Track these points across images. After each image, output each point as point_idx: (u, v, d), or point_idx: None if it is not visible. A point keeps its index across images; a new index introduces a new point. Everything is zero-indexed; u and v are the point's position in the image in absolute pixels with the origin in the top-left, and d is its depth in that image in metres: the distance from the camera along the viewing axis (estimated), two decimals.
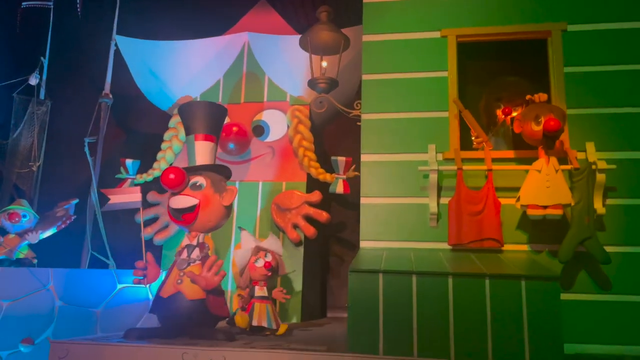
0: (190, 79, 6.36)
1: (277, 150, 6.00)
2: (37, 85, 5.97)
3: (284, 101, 6.20)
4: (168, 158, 6.01)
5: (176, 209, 3.26)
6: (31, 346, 3.75)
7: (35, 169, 5.80)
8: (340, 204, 6.55)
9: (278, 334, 3.48)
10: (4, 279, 4.23)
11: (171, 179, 3.13)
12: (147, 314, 4.03)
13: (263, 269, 3.58)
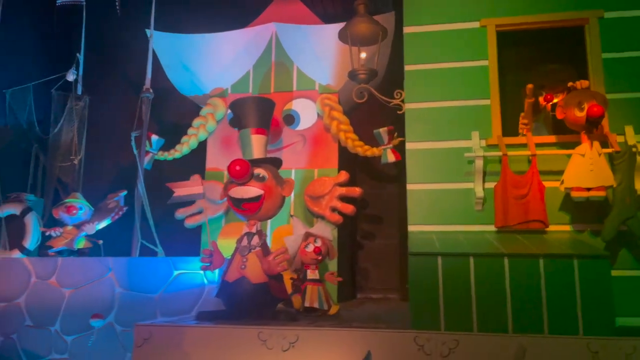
0: (221, 71, 6.52)
1: (308, 138, 6.18)
2: (75, 81, 6.15)
3: (313, 90, 6.36)
4: (191, 144, 6.21)
5: (239, 198, 3.46)
6: (102, 321, 4.00)
7: (76, 163, 6.02)
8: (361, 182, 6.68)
9: (330, 314, 3.70)
10: (66, 268, 4.48)
11: (237, 170, 3.32)
12: (203, 298, 4.26)
13: (313, 254, 3.78)
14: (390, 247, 7.00)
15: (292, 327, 2.94)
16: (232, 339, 2.99)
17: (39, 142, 6.15)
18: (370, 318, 3.72)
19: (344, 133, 5.82)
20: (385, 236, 7.10)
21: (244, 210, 3.53)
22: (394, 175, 6.98)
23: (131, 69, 6.58)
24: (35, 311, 4.41)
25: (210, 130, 6.34)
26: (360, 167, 7.02)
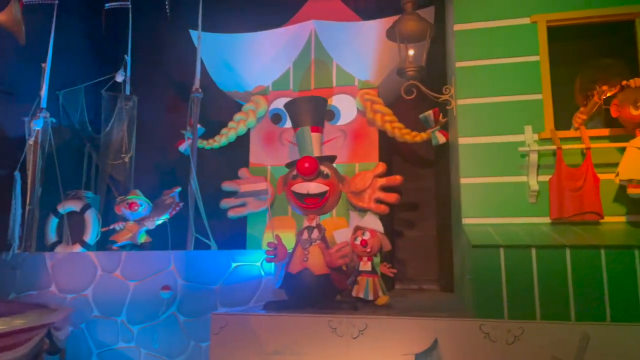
0: (262, 69, 6.68)
1: (348, 133, 6.31)
2: (123, 81, 6.38)
3: (353, 85, 6.49)
4: (230, 137, 6.42)
5: (303, 194, 3.62)
6: (170, 292, 4.25)
7: (127, 160, 6.27)
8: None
9: (377, 304, 3.82)
10: (129, 262, 4.73)
11: (306, 167, 3.49)
12: (260, 289, 4.46)
13: (360, 247, 3.93)
14: (427, 239, 7.10)
15: (362, 316, 3.10)
16: (303, 327, 3.17)
17: (91, 141, 6.42)
18: (420, 308, 3.86)
19: (390, 124, 5.96)
20: (421, 228, 7.20)
21: (306, 205, 3.69)
22: (430, 168, 7.09)
23: (176, 68, 6.80)
24: (102, 302, 4.67)
25: (250, 126, 6.53)
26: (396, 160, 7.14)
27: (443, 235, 6.71)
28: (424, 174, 7.05)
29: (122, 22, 6.58)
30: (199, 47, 5.89)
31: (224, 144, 6.37)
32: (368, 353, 3.04)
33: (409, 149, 6.99)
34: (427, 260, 6.92)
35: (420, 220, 7.05)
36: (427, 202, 7.07)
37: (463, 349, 2.94)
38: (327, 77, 6.56)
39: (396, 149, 7.00)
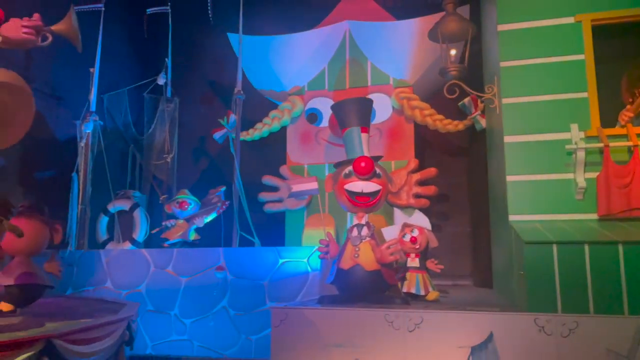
0: (298, 70, 6.84)
1: (384, 131, 6.43)
2: (164, 84, 6.59)
3: (388, 84, 6.60)
4: (263, 132, 6.62)
5: (356, 192, 3.75)
6: (224, 272, 4.44)
7: (169, 161, 6.48)
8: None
9: (427, 299, 3.94)
10: (181, 258, 4.93)
11: (363, 167, 3.63)
12: (307, 284, 4.61)
13: (409, 243, 4.05)
14: (460, 234, 7.17)
15: (418, 310, 3.22)
16: (361, 320, 3.31)
17: (135, 142, 6.65)
18: (469, 303, 3.95)
19: (430, 117, 6.06)
20: (454, 223, 7.26)
21: (358, 203, 3.82)
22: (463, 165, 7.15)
23: (215, 70, 6.99)
24: (156, 297, 4.87)
25: (284, 124, 6.69)
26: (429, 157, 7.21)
27: (477, 231, 6.78)
28: (457, 171, 7.12)
29: (162, 26, 6.79)
30: (240, 50, 6.05)
31: (256, 137, 6.55)
32: (424, 345, 3.16)
33: (442, 146, 7.07)
34: (460, 256, 6.99)
35: (453, 216, 7.12)
36: (460, 198, 7.14)
37: (518, 342, 3.04)
38: (362, 77, 6.68)
39: (429, 145, 7.09)
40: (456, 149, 7.07)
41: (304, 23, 6.95)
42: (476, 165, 6.82)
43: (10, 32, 4.22)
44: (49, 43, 4.40)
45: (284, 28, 6.85)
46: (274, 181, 6.36)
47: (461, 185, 7.10)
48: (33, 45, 4.37)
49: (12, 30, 4.21)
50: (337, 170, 4.00)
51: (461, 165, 7.12)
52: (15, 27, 4.22)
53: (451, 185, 7.14)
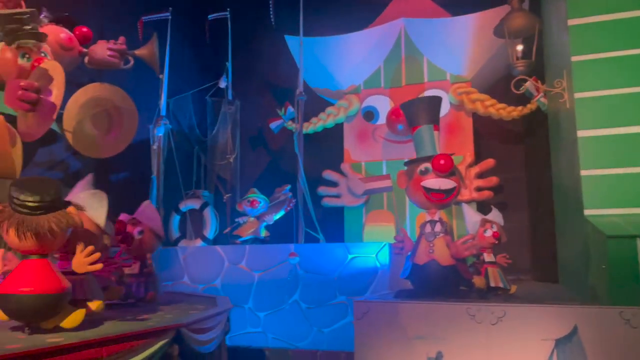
0: (353, 69, 6.97)
1: (442, 127, 6.45)
2: (226, 87, 6.85)
3: (445, 80, 6.63)
4: (317, 127, 6.77)
5: (433, 189, 3.86)
6: (297, 258, 4.66)
7: (232, 161, 6.75)
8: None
9: (510, 293, 4.01)
10: (253, 254, 5.16)
11: (442, 164, 3.73)
12: (377, 278, 4.75)
13: (491, 238, 4.10)
14: (519, 229, 7.13)
15: (500, 304, 3.31)
16: (442, 314, 3.42)
17: (199, 144, 6.95)
18: (544, 297, 3.99)
19: (493, 107, 6.09)
20: (512, 218, 7.23)
21: (435, 200, 3.92)
22: (521, 160, 7.10)
23: (274, 72, 7.20)
24: (230, 291, 5.13)
25: (338, 122, 6.85)
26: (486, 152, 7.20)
27: (537, 225, 6.73)
28: (514, 165, 7.08)
29: (221, 31, 7.05)
30: (301, 52, 6.23)
31: (310, 131, 6.73)
32: (507, 339, 3.24)
33: (499, 140, 7.05)
34: (519, 250, 6.96)
35: (510, 210, 7.08)
36: (517, 193, 7.10)
37: (603, 336, 3.07)
38: (419, 73, 6.74)
39: (486, 140, 7.08)
40: (513, 143, 7.03)
41: (358, 23, 7.07)
42: (535, 159, 6.76)
43: (97, 54, 4.56)
44: (131, 67, 4.72)
45: (339, 29, 6.98)
46: (334, 176, 6.53)
47: (519, 179, 7.06)
48: (116, 67, 4.71)
49: (99, 52, 4.55)
50: (409, 167, 4.10)
51: (518, 159, 7.08)
52: (102, 49, 4.56)
53: (508, 180, 7.11)
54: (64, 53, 4.31)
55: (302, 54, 6.21)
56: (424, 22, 6.65)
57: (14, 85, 3.07)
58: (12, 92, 2.89)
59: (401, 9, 6.99)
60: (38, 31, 3.95)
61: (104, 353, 1.86)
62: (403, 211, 6.40)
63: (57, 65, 3.35)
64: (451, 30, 6.52)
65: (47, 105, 3.07)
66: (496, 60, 6.45)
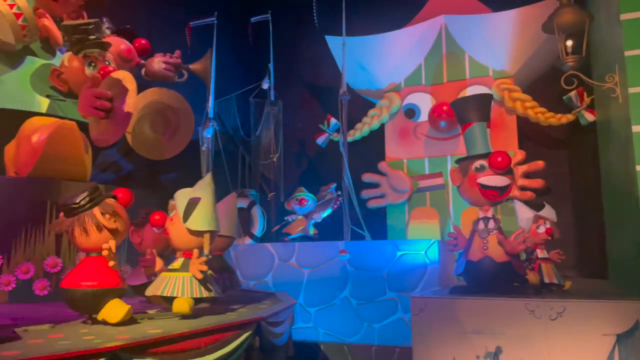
0: (394, 67, 7.02)
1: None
2: (268, 88, 7.01)
3: (487, 76, 6.62)
4: (364, 132, 6.87)
5: (490, 186, 3.90)
6: (347, 255, 4.77)
7: (275, 160, 6.90)
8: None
9: (564, 289, 4.02)
10: (302, 251, 5.30)
11: (499, 161, 3.78)
12: (426, 275, 4.82)
13: (545, 235, 4.11)
14: (563, 226, 7.03)
15: (559, 299, 3.34)
16: (499, 309, 3.48)
17: (243, 144, 7.14)
18: (598, 293, 3.98)
19: (532, 109, 6.06)
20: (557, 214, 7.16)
21: (490, 197, 3.96)
22: (564, 155, 7.02)
23: (315, 73, 7.33)
24: (281, 288, 5.28)
25: (383, 122, 6.91)
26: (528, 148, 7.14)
27: (582, 222, 6.66)
28: (557, 161, 7.01)
29: (262, 33, 7.21)
30: (343, 52, 6.33)
31: (357, 138, 6.83)
32: (567, 333, 3.28)
33: (542, 136, 6.98)
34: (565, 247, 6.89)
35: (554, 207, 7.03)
36: (561, 189, 7.03)
37: None
38: (460, 70, 6.75)
39: (529, 136, 7.02)
40: (557, 138, 6.96)
41: (397, 21, 7.11)
42: (580, 154, 6.69)
43: (154, 67, 4.78)
44: (184, 80, 4.93)
45: (378, 28, 7.04)
46: (374, 178, 6.61)
47: (562, 175, 6.99)
48: (170, 81, 4.92)
49: (155, 65, 4.77)
50: (462, 164, 4.15)
51: (562, 154, 7.01)
52: (158, 62, 4.78)
53: (551, 176, 7.05)
54: (123, 64, 4.54)
55: (344, 54, 6.30)
56: (465, 18, 6.65)
57: (88, 94, 3.26)
58: (86, 101, 3.09)
59: (441, 6, 7.00)
60: (102, 40, 4.17)
61: (202, 344, 2.01)
62: (446, 208, 6.44)
63: (129, 75, 3.55)
64: (493, 25, 6.50)
65: (120, 113, 3.25)
66: (539, 55, 6.41)
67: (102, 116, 3.13)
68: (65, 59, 4.12)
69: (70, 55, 4.14)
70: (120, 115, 3.20)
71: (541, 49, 6.34)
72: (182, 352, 1.90)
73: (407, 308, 4.82)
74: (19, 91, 4.03)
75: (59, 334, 1.98)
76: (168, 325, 2.23)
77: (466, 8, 6.85)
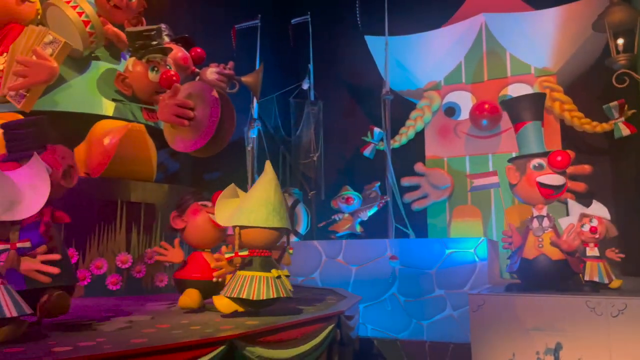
0: (433, 66, 7.06)
1: None
2: (308, 88, 7.12)
3: (529, 74, 6.62)
4: (409, 135, 6.92)
5: (548, 184, 3.94)
6: (398, 261, 4.85)
7: (315, 159, 7.01)
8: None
9: (611, 287, 4.00)
10: (350, 249, 5.40)
11: (559, 160, 3.82)
12: (475, 273, 4.86)
13: (589, 233, 4.12)
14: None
15: (620, 297, 3.37)
16: (559, 306, 3.51)
17: (284, 143, 7.28)
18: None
19: (569, 112, 6.04)
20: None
21: (547, 195, 4.00)
22: (606, 155, 6.96)
23: (355, 72, 7.41)
24: (328, 284, 5.38)
25: (427, 122, 6.96)
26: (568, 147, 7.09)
27: (624, 221, 6.60)
28: (598, 160, 6.95)
29: (301, 33, 7.32)
30: (386, 52, 6.40)
31: (404, 142, 6.89)
32: (630, 330, 3.30)
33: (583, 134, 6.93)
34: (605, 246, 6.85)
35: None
36: (603, 186, 6.97)
37: None
38: (501, 68, 6.76)
39: (570, 135, 6.98)
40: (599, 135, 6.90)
41: (435, 20, 7.14)
42: (622, 151, 6.62)
43: (207, 76, 4.92)
44: (236, 91, 5.06)
45: (416, 27, 7.09)
46: (412, 181, 6.66)
47: (604, 172, 6.93)
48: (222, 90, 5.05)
49: (209, 75, 4.91)
50: (517, 163, 4.17)
51: (603, 150, 6.95)
52: (212, 72, 4.92)
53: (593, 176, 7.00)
54: (179, 71, 4.69)
55: (387, 54, 6.37)
56: (506, 16, 6.65)
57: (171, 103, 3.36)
58: (169, 109, 3.22)
59: (480, 5, 7.00)
60: (164, 46, 4.33)
61: (299, 334, 2.13)
62: (489, 206, 6.46)
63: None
64: (535, 23, 6.49)
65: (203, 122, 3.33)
66: (583, 53, 6.39)
67: (185, 124, 3.26)
68: (130, 64, 4.28)
69: (134, 61, 4.30)
70: (204, 124, 3.31)
71: (584, 46, 6.31)
72: (284, 342, 2.02)
73: (456, 305, 4.89)
74: (86, 95, 4.22)
75: (165, 324, 2.12)
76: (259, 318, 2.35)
77: (505, 6, 6.85)
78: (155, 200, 4.05)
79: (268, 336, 1.95)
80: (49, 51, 3.84)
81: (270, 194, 2.62)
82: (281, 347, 1.97)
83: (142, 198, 3.97)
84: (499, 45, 6.73)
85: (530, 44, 6.52)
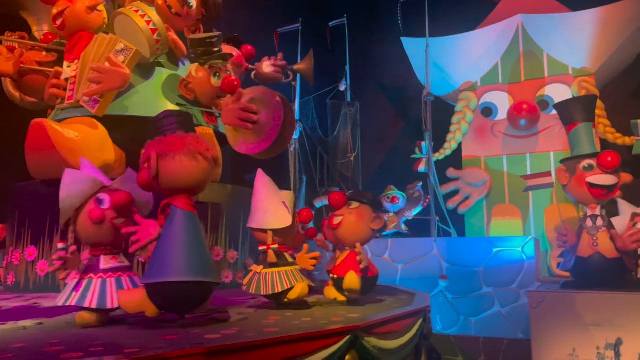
0: (470, 67, 7.14)
1: None
2: (345, 90, 7.26)
3: (567, 74, 6.69)
4: (457, 138, 6.99)
5: (600, 185, 4.04)
6: (447, 282, 4.97)
7: (352, 159, 7.15)
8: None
9: None
10: (396, 247, 5.53)
11: (609, 161, 3.92)
12: (524, 271, 4.97)
13: None
14: None
15: None
16: (617, 303, 3.63)
17: (322, 144, 7.42)
18: None
19: (597, 117, 6.08)
20: None
21: (595, 195, 4.10)
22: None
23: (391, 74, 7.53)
24: None
25: (470, 121, 7.02)
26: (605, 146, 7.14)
27: None
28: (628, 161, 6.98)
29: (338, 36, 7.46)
30: (427, 53, 6.51)
31: (454, 148, 6.96)
32: None
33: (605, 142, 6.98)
34: None
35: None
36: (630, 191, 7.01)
37: None
38: (538, 68, 6.83)
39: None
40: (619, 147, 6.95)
41: (470, 22, 7.24)
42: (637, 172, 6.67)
43: (264, 69, 5.08)
44: (291, 80, 5.20)
45: (452, 29, 7.18)
46: (449, 187, 6.74)
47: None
48: (279, 82, 5.21)
49: (265, 68, 5.07)
50: (568, 164, 4.28)
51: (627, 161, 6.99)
52: (267, 65, 5.08)
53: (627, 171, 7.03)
54: (234, 70, 4.85)
55: (428, 55, 6.48)
56: (543, 17, 6.73)
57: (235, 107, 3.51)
58: (233, 113, 3.35)
59: (515, 6, 7.08)
60: (224, 52, 4.48)
61: (399, 327, 2.27)
62: (527, 205, 6.55)
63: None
64: (573, 24, 6.57)
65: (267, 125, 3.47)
66: (621, 53, 6.46)
67: (249, 127, 3.40)
68: (193, 70, 4.43)
69: (197, 67, 4.45)
70: (267, 127, 3.44)
71: (623, 47, 6.39)
72: (391, 334, 2.17)
73: (504, 302, 5.00)
74: (153, 99, 4.37)
75: (274, 317, 2.27)
76: (357, 310, 2.51)
77: (541, 7, 6.93)
78: (221, 200, 4.21)
79: (379, 328, 2.09)
80: (121, 58, 4.00)
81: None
82: (388, 338, 2.11)
83: (209, 198, 4.13)
84: (536, 46, 6.81)
85: (568, 44, 6.59)
